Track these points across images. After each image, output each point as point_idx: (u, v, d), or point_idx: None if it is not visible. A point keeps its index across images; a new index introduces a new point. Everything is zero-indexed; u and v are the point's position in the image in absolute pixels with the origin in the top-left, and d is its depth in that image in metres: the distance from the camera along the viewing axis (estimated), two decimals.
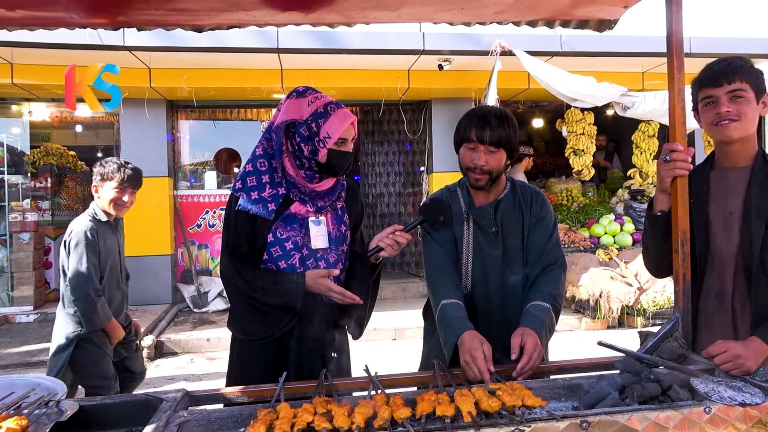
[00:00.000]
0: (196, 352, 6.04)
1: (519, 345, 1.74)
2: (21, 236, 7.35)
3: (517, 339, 1.76)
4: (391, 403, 1.42)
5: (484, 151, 1.97)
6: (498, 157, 1.99)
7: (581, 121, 8.04)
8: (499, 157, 1.99)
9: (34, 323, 7.20)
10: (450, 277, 2.05)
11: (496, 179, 2.04)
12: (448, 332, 1.88)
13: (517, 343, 1.74)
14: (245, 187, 1.93)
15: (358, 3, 1.82)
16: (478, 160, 1.97)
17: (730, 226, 1.85)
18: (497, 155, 1.98)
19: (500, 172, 2.04)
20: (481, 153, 1.97)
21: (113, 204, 3.09)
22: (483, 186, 2.02)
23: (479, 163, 1.97)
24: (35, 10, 1.88)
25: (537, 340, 1.75)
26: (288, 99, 1.96)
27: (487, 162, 1.97)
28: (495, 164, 1.99)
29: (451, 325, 1.89)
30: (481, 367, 1.68)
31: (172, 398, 1.53)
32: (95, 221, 3.09)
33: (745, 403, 1.36)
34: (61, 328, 3.11)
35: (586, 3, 1.93)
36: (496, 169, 2.00)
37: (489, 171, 1.99)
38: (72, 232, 3.02)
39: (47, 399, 1.52)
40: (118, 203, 3.09)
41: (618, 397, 1.45)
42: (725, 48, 6.82)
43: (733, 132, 1.79)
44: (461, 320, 1.89)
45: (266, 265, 1.94)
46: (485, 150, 1.96)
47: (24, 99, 7.62)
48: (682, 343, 1.77)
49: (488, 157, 1.97)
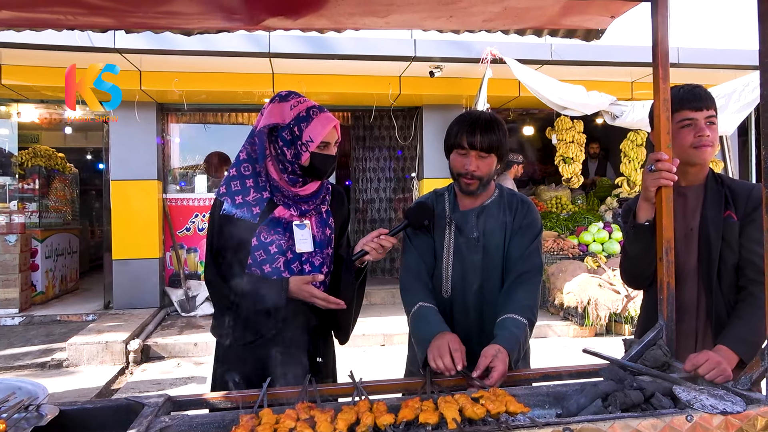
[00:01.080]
0: (183, 356, 6.00)
1: (485, 366, 1.69)
2: (7, 238, 7.27)
3: (486, 360, 1.70)
4: (374, 410, 1.41)
5: (476, 157, 1.97)
6: (489, 162, 2.00)
7: (571, 129, 8.10)
8: (489, 162, 2.00)
9: (19, 326, 7.12)
10: (424, 283, 2.07)
11: (486, 184, 2.05)
12: (426, 331, 1.89)
13: (484, 365, 1.69)
14: (229, 192, 1.93)
15: (347, 9, 1.83)
16: (469, 165, 1.97)
17: (691, 242, 1.95)
18: (488, 160, 1.99)
19: (491, 177, 2.05)
20: (472, 158, 1.97)
21: None
22: (474, 191, 2.03)
23: (470, 169, 1.97)
24: (22, 11, 1.87)
25: (505, 368, 1.70)
26: (271, 103, 1.96)
27: (479, 167, 1.98)
28: (486, 169, 2.00)
29: (429, 325, 1.91)
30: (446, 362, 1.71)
31: (153, 403, 1.52)
32: None
33: (727, 411, 1.37)
34: None
35: (573, 13, 1.95)
36: (487, 174, 2.01)
37: (480, 177, 1.99)
38: None
39: (27, 403, 1.50)
40: None
41: (601, 404, 1.45)
42: (713, 59, 6.91)
43: (709, 156, 1.92)
44: (440, 321, 1.92)
45: (251, 269, 1.93)
46: (476, 155, 1.97)
47: (12, 100, 7.56)
48: (666, 351, 1.78)
49: (479, 162, 1.98)
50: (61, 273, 8.74)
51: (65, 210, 9.41)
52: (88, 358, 5.71)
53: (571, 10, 1.91)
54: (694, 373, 1.63)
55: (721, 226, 1.89)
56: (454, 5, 1.82)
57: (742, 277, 1.88)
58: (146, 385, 5.13)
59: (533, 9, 1.89)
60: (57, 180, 9.19)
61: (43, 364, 5.58)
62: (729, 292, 1.90)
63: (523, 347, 1.90)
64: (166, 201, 7.93)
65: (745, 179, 8.53)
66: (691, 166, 1.95)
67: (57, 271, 8.55)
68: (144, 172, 7.58)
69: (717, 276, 1.89)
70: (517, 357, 1.84)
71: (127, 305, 7.46)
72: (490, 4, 1.83)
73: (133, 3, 1.83)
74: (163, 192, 7.94)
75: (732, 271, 1.89)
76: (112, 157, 7.55)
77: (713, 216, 1.91)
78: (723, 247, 1.88)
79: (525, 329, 1.87)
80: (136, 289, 7.53)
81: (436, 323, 1.92)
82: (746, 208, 1.88)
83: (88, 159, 12.81)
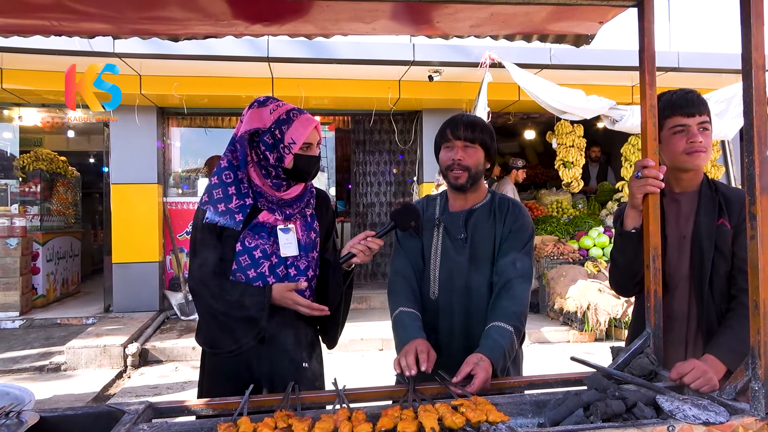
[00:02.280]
0: (181, 360, 6.00)
1: (466, 374, 1.69)
2: (8, 241, 7.29)
3: (468, 367, 1.70)
4: (353, 419, 1.40)
5: (461, 147, 2.04)
6: (474, 154, 2.04)
7: (571, 133, 8.08)
8: (474, 154, 2.04)
9: (19, 329, 7.14)
10: (410, 286, 2.09)
11: (476, 180, 2.07)
12: (402, 336, 1.94)
13: (465, 372, 1.69)
14: (212, 200, 1.93)
15: (333, 15, 1.83)
16: (455, 155, 2.03)
17: (683, 249, 1.91)
18: (473, 151, 2.04)
19: (479, 171, 2.07)
20: (458, 149, 2.04)
21: None
22: (463, 184, 2.05)
23: (456, 158, 2.03)
24: (9, 17, 1.87)
25: (487, 376, 1.70)
26: (249, 109, 1.96)
27: (464, 157, 2.03)
28: (472, 161, 2.04)
29: (405, 331, 1.94)
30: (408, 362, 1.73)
31: (134, 410, 1.51)
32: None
33: (709, 421, 1.35)
34: None
35: (560, 18, 1.94)
36: (474, 166, 2.04)
37: (467, 167, 2.03)
38: None
39: (8, 409, 1.50)
40: None
41: (582, 414, 1.44)
42: (713, 63, 6.88)
43: (702, 162, 1.88)
44: (417, 328, 1.94)
45: (235, 275, 1.93)
46: (462, 146, 2.04)
47: (14, 104, 7.60)
48: (653, 360, 1.76)
49: (464, 152, 2.03)
50: (63, 276, 8.76)
51: (67, 213, 9.43)
52: (87, 361, 5.71)
53: (558, 15, 1.91)
54: (679, 382, 1.61)
55: (714, 233, 1.86)
56: (439, 11, 1.82)
57: (733, 285, 1.85)
58: (143, 390, 5.13)
59: (520, 15, 1.88)
60: (59, 183, 9.22)
61: (42, 367, 5.59)
62: (721, 301, 1.87)
63: (509, 355, 1.88)
64: (166, 204, 7.95)
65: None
66: (684, 173, 1.93)
67: (58, 275, 8.57)
68: (144, 176, 7.60)
69: (709, 284, 1.86)
70: (503, 365, 1.83)
71: (127, 309, 7.48)
72: (476, 9, 1.82)
73: (119, 9, 1.84)
74: (164, 195, 7.96)
75: (724, 280, 1.86)
76: (112, 160, 7.58)
77: (707, 223, 1.88)
78: (715, 255, 1.85)
79: (511, 337, 1.86)
80: (136, 293, 7.54)
81: (412, 329, 1.94)
82: (740, 216, 1.84)
83: (90, 162, 12.86)
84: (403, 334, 1.94)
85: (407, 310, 2.02)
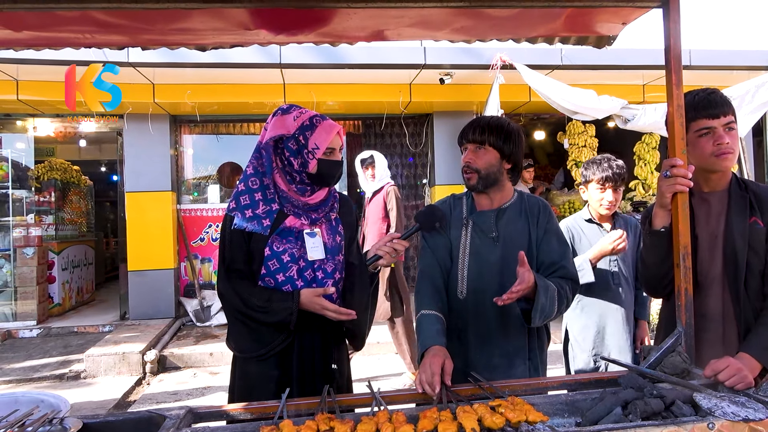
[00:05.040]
0: (198, 366, 6.04)
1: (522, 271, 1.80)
2: (24, 251, 7.37)
3: (523, 268, 1.80)
4: (393, 420, 1.42)
5: (472, 150, 2.08)
6: (484, 155, 2.06)
7: (583, 133, 8.07)
8: (485, 155, 2.06)
9: (37, 338, 7.20)
10: (435, 286, 2.11)
11: (489, 181, 2.08)
12: (420, 342, 1.95)
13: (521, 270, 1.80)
14: (239, 207, 1.96)
15: (359, 23, 1.85)
16: (465, 157, 2.09)
17: (715, 249, 1.90)
18: (482, 152, 2.06)
19: (492, 173, 2.08)
20: (468, 152, 2.09)
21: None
22: (475, 185, 2.08)
23: (466, 160, 2.08)
24: (41, 31, 1.91)
25: (533, 279, 1.80)
26: (273, 117, 2.00)
27: (473, 159, 2.06)
28: (481, 162, 2.06)
29: (423, 335, 1.95)
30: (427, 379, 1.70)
31: (175, 415, 1.53)
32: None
33: (749, 418, 1.36)
34: None
35: (584, 20, 1.95)
36: (484, 167, 2.06)
37: (477, 169, 2.06)
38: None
39: (51, 416, 1.53)
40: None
41: (621, 413, 1.44)
42: (725, 60, 6.86)
43: (730, 163, 1.87)
44: (434, 333, 1.94)
45: (264, 279, 1.96)
46: (472, 148, 2.08)
47: (29, 115, 7.68)
48: (685, 358, 1.76)
49: (474, 154, 2.07)
50: (78, 285, 8.84)
51: (81, 222, 9.52)
52: (106, 369, 5.76)
53: (582, 17, 1.92)
54: (714, 380, 1.62)
55: (747, 232, 1.84)
56: (465, 15, 1.83)
57: (767, 284, 1.83)
58: (163, 396, 5.16)
59: (544, 16, 1.89)
60: (72, 192, 9.31)
61: (62, 375, 5.64)
62: (756, 299, 1.85)
63: (551, 300, 1.91)
64: (180, 212, 8.00)
65: (760, 180, 8.44)
66: (713, 173, 1.92)
67: (73, 283, 8.64)
68: (158, 184, 7.66)
69: (744, 283, 1.84)
70: (546, 301, 1.87)
71: (142, 316, 7.52)
72: (502, 13, 1.84)
73: (148, 20, 1.87)
74: (177, 203, 8.01)
75: (758, 278, 1.84)
76: (126, 169, 7.64)
77: (738, 222, 1.86)
78: (749, 253, 1.83)
79: (554, 287, 1.92)
80: (152, 300, 7.59)
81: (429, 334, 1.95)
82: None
83: (102, 171, 12.97)
84: (421, 339, 1.96)
85: (427, 313, 2.03)
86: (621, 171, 2.93)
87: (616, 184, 2.90)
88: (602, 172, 2.90)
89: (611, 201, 2.90)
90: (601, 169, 2.91)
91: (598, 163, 2.94)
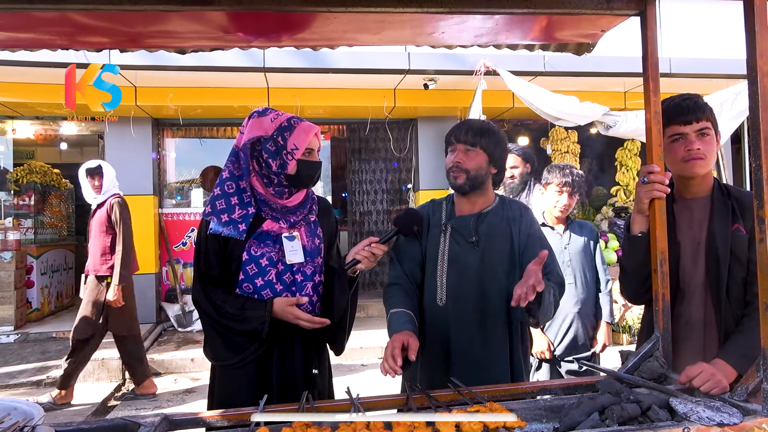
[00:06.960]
0: (179, 372, 5.96)
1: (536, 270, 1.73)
2: (2, 255, 7.23)
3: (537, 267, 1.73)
4: (371, 427, 1.41)
5: (462, 150, 2.09)
6: (474, 157, 2.07)
7: (565, 139, 8.14)
8: (475, 157, 2.07)
9: (14, 344, 7.07)
10: (405, 290, 2.11)
11: (476, 183, 2.09)
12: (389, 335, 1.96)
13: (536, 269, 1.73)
14: (215, 211, 1.94)
15: (340, 26, 1.84)
16: (455, 157, 2.09)
17: (698, 256, 1.90)
18: (473, 154, 2.07)
19: (480, 175, 2.09)
20: (458, 152, 2.09)
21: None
22: (462, 185, 2.08)
23: (455, 160, 2.08)
24: (17, 32, 1.87)
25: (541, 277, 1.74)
26: (250, 119, 1.99)
27: (463, 160, 2.07)
28: (472, 164, 2.07)
29: (392, 329, 1.97)
30: (388, 355, 1.77)
31: (150, 423, 1.51)
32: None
33: (723, 423, 1.37)
34: None
35: (563, 27, 1.97)
36: (474, 168, 2.07)
37: (466, 170, 2.07)
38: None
39: (22, 424, 1.49)
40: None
41: (598, 418, 1.45)
42: (705, 69, 6.96)
43: (700, 169, 1.88)
44: (401, 323, 1.96)
45: (243, 284, 1.94)
46: (462, 149, 2.09)
47: (8, 117, 7.57)
48: (663, 363, 1.78)
49: (464, 155, 2.08)
50: (57, 289, 8.69)
51: (60, 226, 9.37)
52: (84, 375, 5.65)
53: (561, 24, 1.93)
54: (689, 385, 1.63)
55: (729, 240, 1.83)
56: (445, 22, 1.84)
57: (749, 291, 1.82)
58: (143, 403, 5.09)
59: (523, 23, 1.91)
60: (52, 196, 9.16)
61: (39, 382, 5.54)
62: (738, 307, 1.84)
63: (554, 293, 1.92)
64: (161, 216, 7.92)
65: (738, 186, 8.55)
66: (690, 179, 1.93)
67: (52, 288, 8.50)
68: (139, 187, 7.57)
69: (726, 291, 1.83)
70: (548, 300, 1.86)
71: None
72: (482, 20, 1.84)
73: (126, 22, 1.84)
74: (159, 207, 7.93)
75: (741, 286, 1.83)
76: None
77: (721, 229, 1.86)
78: (731, 261, 1.82)
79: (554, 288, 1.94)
80: None
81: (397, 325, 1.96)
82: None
83: None
84: (390, 333, 1.97)
85: (396, 311, 2.04)
86: (579, 180, 3.24)
87: (573, 190, 3.21)
88: (563, 177, 3.20)
89: (566, 204, 3.22)
90: (563, 174, 3.20)
91: (560, 169, 3.24)
